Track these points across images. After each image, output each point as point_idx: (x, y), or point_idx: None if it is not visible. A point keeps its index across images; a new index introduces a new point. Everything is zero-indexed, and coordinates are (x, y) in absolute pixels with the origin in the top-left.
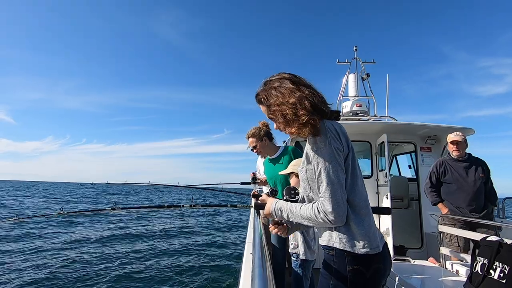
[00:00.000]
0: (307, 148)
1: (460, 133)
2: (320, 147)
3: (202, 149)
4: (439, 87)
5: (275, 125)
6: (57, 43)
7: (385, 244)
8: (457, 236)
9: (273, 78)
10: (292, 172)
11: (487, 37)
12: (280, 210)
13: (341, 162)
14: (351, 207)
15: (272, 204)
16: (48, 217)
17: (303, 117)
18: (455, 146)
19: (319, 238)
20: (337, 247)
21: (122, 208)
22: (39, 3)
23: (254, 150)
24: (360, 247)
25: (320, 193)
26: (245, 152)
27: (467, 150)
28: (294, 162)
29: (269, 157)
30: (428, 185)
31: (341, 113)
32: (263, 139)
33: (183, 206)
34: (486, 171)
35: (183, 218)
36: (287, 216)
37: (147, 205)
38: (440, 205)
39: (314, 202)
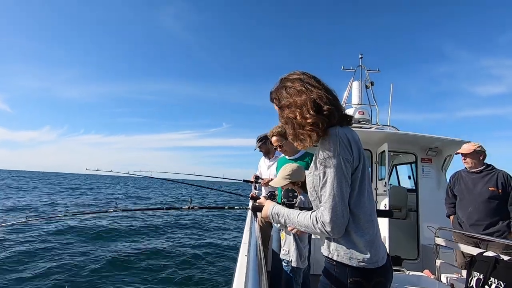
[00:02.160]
0: (316, 154)
1: (471, 144)
2: (329, 156)
3: (200, 143)
4: (439, 85)
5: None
6: (58, 32)
7: (388, 257)
8: (455, 250)
9: (286, 77)
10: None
11: (488, 37)
12: (277, 215)
13: (347, 174)
14: (354, 219)
15: (269, 208)
16: (55, 218)
17: (309, 122)
18: (463, 157)
19: (321, 247)
20: (335, 258)
21: (123, 210)
22: None
23: (279, 149)
24: (359, 261)
25: (321, 201)
26: (242, 147)
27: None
28: (282, 172)
29: (286, 157)
30: (445, 197)
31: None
32: (288, 138)
33: (181, 208)
34: (503, 184)
35: (179, 218)
36: (284, 221)
37: (146, 207)
38: (451, 217)
39: (314, 211)
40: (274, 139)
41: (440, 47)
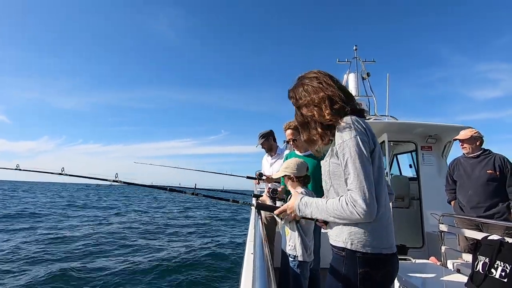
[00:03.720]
0: (334, 142)
1: (468, 130)
2: (346, 139)
3: (199, 150)
4: (436, 90)
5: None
6: (51, 42)
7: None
8: (458, 234)
9: (304, 75)
10: (285, 175)
11: (484, 41)
12: (305, 205)
13: (367, 153)
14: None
15: (297, 199)
16: (49, 175)
17: (327, 119)
18: (461, 143)
19: (330, 238)
20: (348, 247)
21: (124, 183)
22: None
23: (291, 143)
24: (373, 247)
25: (347, 185)
26: (241, 154)
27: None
28: (285, 164)
29: (297, 152)
30: (445, 183)
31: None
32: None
33: (185, 193)
34: (500, 167)
35: (183, 212)
36: (311, 212)
37: (149, 184)
38: (452, 203)
39: (341, 196)
40: (289, 132)
41: (437, 52)
